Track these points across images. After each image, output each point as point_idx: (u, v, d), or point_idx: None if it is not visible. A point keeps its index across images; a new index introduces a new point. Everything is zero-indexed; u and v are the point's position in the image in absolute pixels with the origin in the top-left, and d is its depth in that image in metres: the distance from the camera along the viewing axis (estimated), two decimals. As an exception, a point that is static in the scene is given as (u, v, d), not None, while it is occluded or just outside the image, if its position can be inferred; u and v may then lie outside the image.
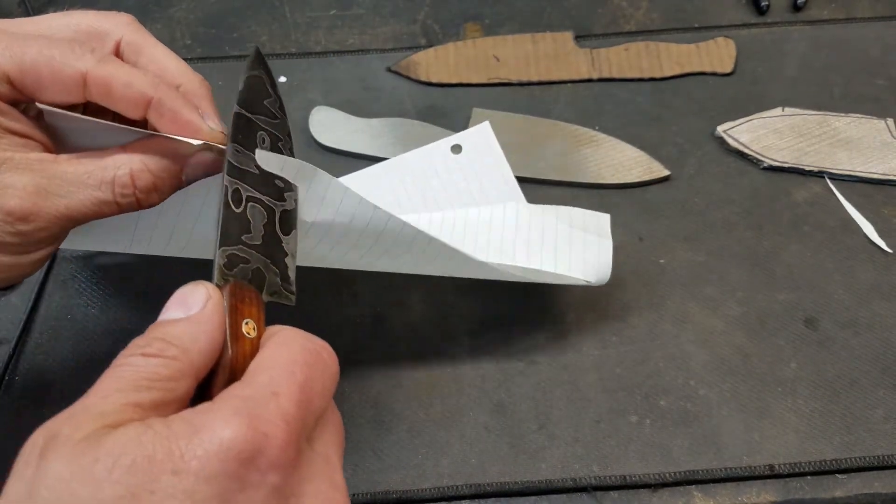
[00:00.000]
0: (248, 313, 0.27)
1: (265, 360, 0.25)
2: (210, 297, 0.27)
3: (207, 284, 0.27)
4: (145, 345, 0.25)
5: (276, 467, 0.23)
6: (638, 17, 0.63)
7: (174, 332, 0.25)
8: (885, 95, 0.57)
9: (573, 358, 0.45)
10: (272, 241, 0.31)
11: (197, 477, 0.21)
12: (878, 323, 0.46)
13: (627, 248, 0.49)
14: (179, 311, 0.26)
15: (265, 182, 0.32)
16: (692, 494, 0.40)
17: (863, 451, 0.41)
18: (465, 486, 0.40)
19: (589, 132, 0.55)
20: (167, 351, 0.25)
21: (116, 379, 0.24)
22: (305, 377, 0.25)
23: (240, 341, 0.26)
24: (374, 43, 0.62)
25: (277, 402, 0.23)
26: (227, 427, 0.22)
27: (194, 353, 0.25)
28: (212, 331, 0.26)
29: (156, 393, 0.24)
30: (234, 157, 0.32)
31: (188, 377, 0.25)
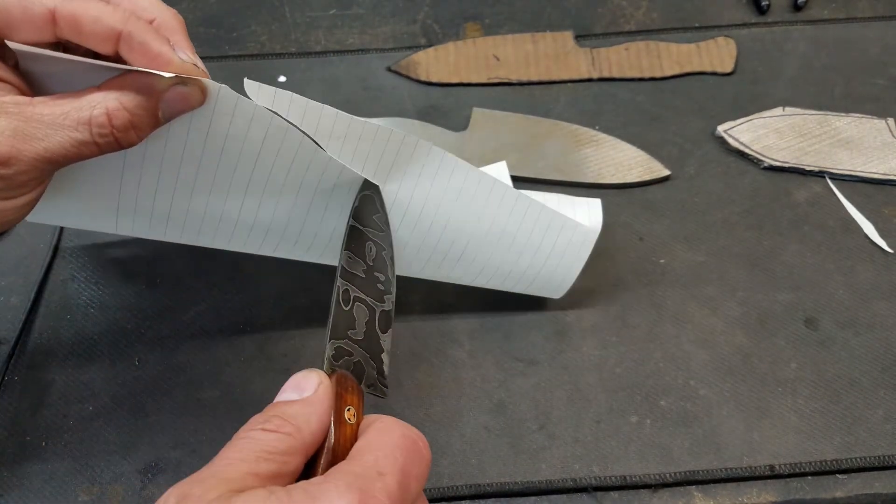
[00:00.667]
0: (350, 401, 0.29)
1: (370, 442, 0.27)
2: (321, 382, 0.29)
3: (319, 372, 0.30)
4: (265, 421, 0.27)
5: None
6: (638, 17, 0.63)
7: (290, 412, 0.28)
8: (885, 95, 0.57)
9: (573, 358, 0.45)
10: (372, 337, 0.34)
11: None
12: (879, 323, 0.46)
13: (627, 248, 0.49)
14: (294, 394, 0.29)
15: (369, 284, 0.35)
16: (692, 495, 0.40)
17: (863, 451, 0.41)
18: (465, 487, 0.40)
19: (589, 132, 0.55)
20: (284, 427, 0.27)
21: (239, 450, 0.26)
22: (406, 462, 0.27)
23: (343, 426, 0.28)
24: (374, 42, 0.62)
25: (383, 481, 0.26)
26: (341, 499, 0.24)
27: (307, 432, 0.27)
28: (322, 413, 0.28)
29: (273, 465, 0.26)
30: (347, 262, 0.35)
31: (300, 454, 0.27)
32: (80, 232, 0.50)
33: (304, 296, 0.48)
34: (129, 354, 0.45)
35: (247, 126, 0.36)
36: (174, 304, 0.47)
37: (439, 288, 0.48)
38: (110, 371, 0.44)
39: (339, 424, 0.28)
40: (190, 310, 0.47)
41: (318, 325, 0.46)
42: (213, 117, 0.35)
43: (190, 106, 0.34)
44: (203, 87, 0.34)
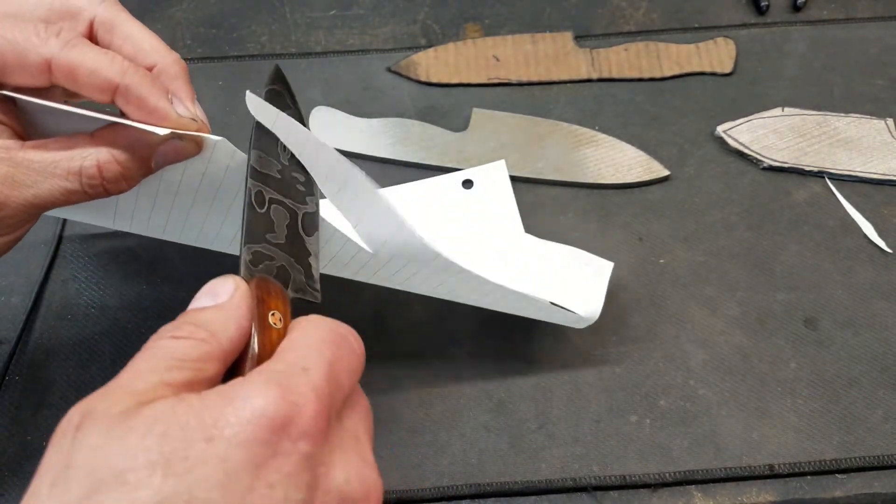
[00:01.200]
0: (274, 305, 0.28)
1: (294, 340, 0.26)
2: (238, 287, 0.28)
3: (235, 277, 0.28)
4: (175, 328, 0.26)
5: (306, 436, 0.23)
6: (637, 18, 0.63)
7: (203, 318, 0.26)
8: (884, 95, 0.57)
9: (573, 358, 0.45)
10: (296, 241, 0.32)
11: (230, 443, 0.22)
12: (878, 323, 0.46)
13: (627, 248, 0.49)
14: (208, 300, 0.27)
15: (287, 186, 0.33)
16: (692, 494, 0.40)
17: (862, 450, 0.41)
18: (465, 486, 0.40)
19: (589, 132, 0.55)
20: (197, 334, 0.25)
21: (148, 359, 0.25)
22: (333, 355, 0.26)
23: (266, 331, 0.27)
24: (374, 43, 0.62)
25: (307, 375, 0.24)
26: (259, 396, 0.23)
27: (223, 338, 0.26)
28: (239, 318, 0.27)
29: (186, 373, 0.24)
30: (257, 161, 0.33)
31: (217, 360, 0.25)
32: (82, 232, 0.50)
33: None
34: (129, 354, 0.45)
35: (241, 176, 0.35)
36: (174, 304, 0.47)
37: (439, 288, 0.48)
38: (111, 371, 0.44)
39: (262, 330, 0.27)
40: (190, 310, 0.47)
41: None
42: (209, 166, 0.35)
43: (183, 157, 0.34)
44: (199, 140, 0.34)
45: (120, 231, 0.50)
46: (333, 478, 0.24)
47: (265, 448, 0.22)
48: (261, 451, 0.22)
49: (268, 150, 0.34)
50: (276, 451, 0.23)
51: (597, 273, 0.45)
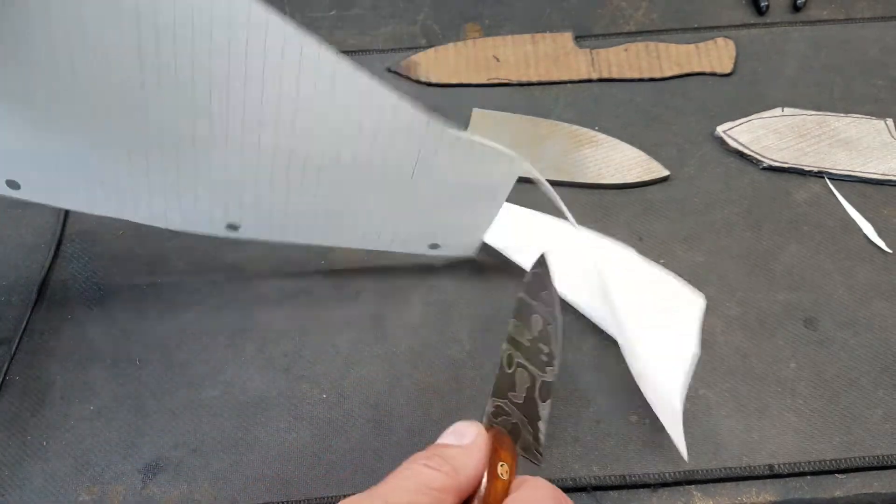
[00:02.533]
0: (504, 457, 0.31)
1: (520, 499, 0.29)
2: (480, 433, 0.31)
3: (478, 423, 0.31)
4: (427, 458, 0.29)
5: None
6: (637, 18, 0.64)
7: (450, 454, 0.29)
8: (884, 96, 0.57)
9: (573, 358, 0.45)
10: (531, 404, 0.35)
11: None
12: (878, 323, 0.46)
13: (627, 249, 0.49)
14: (454, 439, 0.31)
15: (533, 353, 0.36)
16: (692, 494, 0.40)
17: (862, 451, 0.41)
18: (464, 486, 0.40)
19: (589, 132, 0.55)
20: (444, 467, 0.29)
21: (403, 479, 0.28)
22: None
23: (494, 480, 0.30)
24: (374, 43, 0.62)
25: None
26: None
27: (462, 476, 0.29)
28: (478, 461, 0.30)
29: (430, 499, 0.28)
30: (514, 329, 0.37)
31: (454, 495, 0.29)
32: (82, 232, 0.50)
33: (303, 296, 0.48)
34: (129, 354, 0.45)
35: None
36: (174, 304, 0.47)
37: (439, 288, 0.48)
38: (111, 371, 0.45)
39: (491, 477, 0.30)
40: (190, 310, 0.47)
41: (317, 325, 0.46)
42: None
43: None
44: None
45: (120, 231, 0.50)
46: None
47: None
48: None
49: (524, 320, 0.37)
50: None
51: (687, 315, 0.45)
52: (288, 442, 0.42)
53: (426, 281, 0.48)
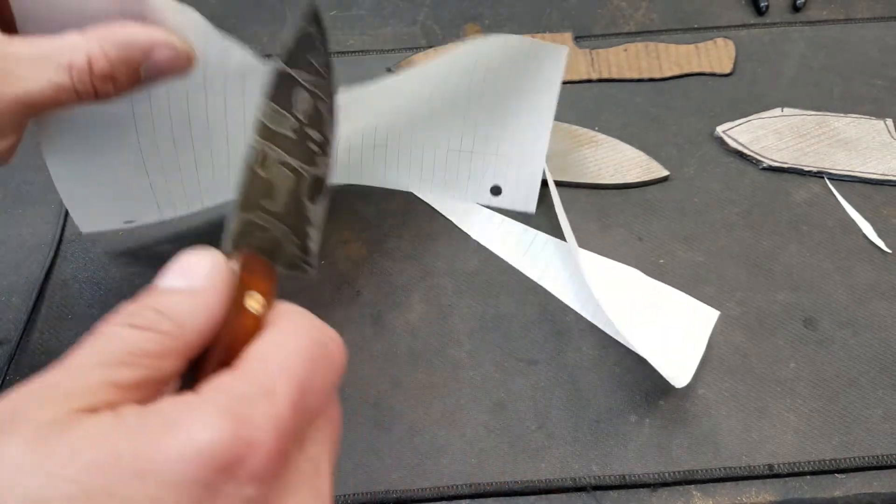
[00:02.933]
0: (257, 287, 0.24)
1: (265, 347, 0.22)
2: (215, 266, 0.24)
3: (215, 253, 0.24)
4: (135, 314, 0.22)
5: (256, 479, 0.20)
6: (637, 18, 0.64)
7: (171, 304, 0.22)
8: (883, 96, 0.57)
9: (573, 358, 0.45)
10: (296, 208, 0.29)
11: (164, 482, 0.19)
12: (877, 323, 0.46)
13: (627, 248, 0.49)
14: (180, 280, 0.23)
15: (298, 145, 0.30)
16: (691, 494, 0.40)
17: (862, 450, 0.41)
18: (464, 486, 0.40)
19: (588, 132, 0.55)
20: (160, 325, 0.22)
21: (98, 351, 0.21)
22: (307, 374, 0.22)
23: (242, 317, 0.23)
24: (374, 44, 0.62)
25: (271, 402, 0.21)
26: (207, 429, 0.20)
27: (190, 330, 0.22)
28: (213, 306, 0.23)
29: (139, 371, 0.21)
30: (270, 117, 0.29)
31: (179, 356, 0.22)
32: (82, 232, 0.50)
33: (303, 295, 0.48)
34: (129, 354, 0.45)
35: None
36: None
37: (439, 287, 0.48)
38: (111, 371, 0.45)
39: (237, 315, 0.23)
40: (190, 310, 0.47)
41: (318, 325, 0.46)
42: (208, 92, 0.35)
43: (174, 71, 0.33)
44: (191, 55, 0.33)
45: (120, 231, 0.50)
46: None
47: (204, 491, 0.19)
48: (199, 494, 0.19)
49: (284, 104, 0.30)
50: (217, 494, 0.19)
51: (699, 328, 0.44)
52: (288, 442, 0.42)
53: (426, 281, 0.48)
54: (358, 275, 0.49)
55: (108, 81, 0.32)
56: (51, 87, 0.31)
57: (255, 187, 0.28)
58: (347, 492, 0.40)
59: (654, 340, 0.43)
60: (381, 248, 0.50)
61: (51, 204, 0.52)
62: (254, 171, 0.28)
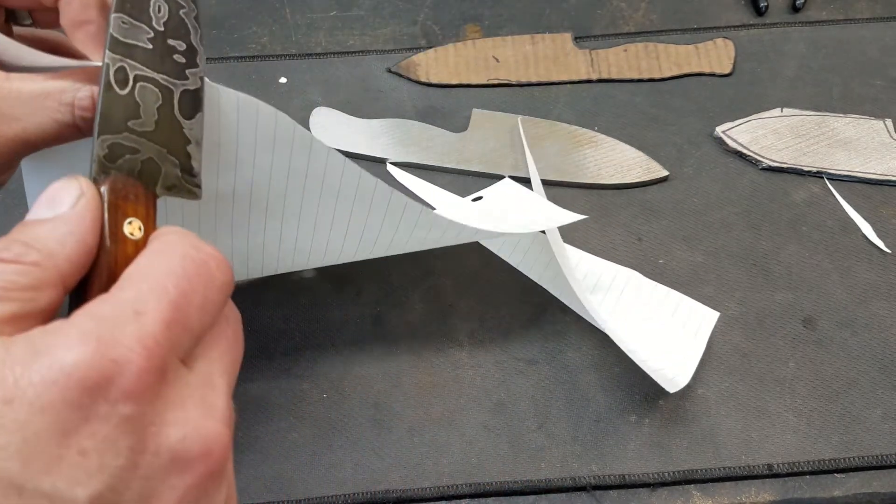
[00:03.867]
0: (133, 211, 0.24)
1: (136, 270, 0.22)
2: (83, 193, 0.23)
3: (81, 179, 0.24)
4: (2, 249, 0.22)
5: (129, 396, 0.20)
6: (637, 18, 0.64)
7: (37, 235, 0.22)
8: (883, 96, 0.57)
9: (573, 358, 0.45)
10: (169, 126, 0.27)
11: (31, 406, 0.19)
12: (877, 323, 0.46)
13: (626, 249, 0.49)
14: (46, 210, 0.23)
15: (161, 58, 0.28)
16: (691, 493, 0.40)
17: (861, 450, 0.41)
18: (464, 486, 0.40)
19: (588, 133, 0.55)
20: (27, 256, 0.21)
21: None
22: (181, 292, 0.22)
23: (120, 243, 0.23)
24: (374, 44, 0.62)
25: (140, 322, 0.21)
26: (69, 352, 0.20)
27: (61, 259, 0.22)
28: (83, 232, 0.23)
29: (11, 305, 0.21)
30: (119, 29, 0.27)
31: (53, 286, 0.22)
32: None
33: (304, 295, 0.48)
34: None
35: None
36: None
37: (439, 287, 0.48)
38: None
39: (115, 242, 0.23)
40: (191, 310, 0.47)
41: (317, 325, 0.46)
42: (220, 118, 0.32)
43: None
44: None
45: None
46: (166, 437, 0.21)
47: (75, 412, 0.19)
48: (70, 416, 0.19)
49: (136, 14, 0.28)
50: (90, 413, 0.20)
51: (698, 329, 0.44)
52: (288, 441, 0.42)
53: (426, 281, 0.48)
54: (358, 275, 0.49)
55: None
56: (52, 124, 0.30)
57: (117, 107, 0.26)
58: (347, 491, 0.40)
59: (653, 342, 0.43)
60: (381, 248, 0.50)
61: (51, 204, 0.52)
62: (112, 90, 0.26)
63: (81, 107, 0.30)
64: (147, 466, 0.20)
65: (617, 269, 0.48)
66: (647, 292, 0.47)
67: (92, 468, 0.19)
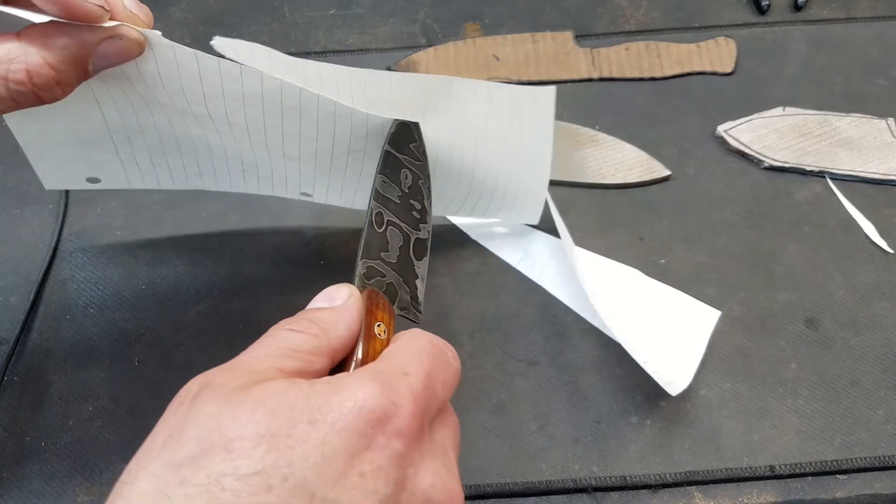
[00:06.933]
0: (381, 317, 0.30)
1: (396, 347, 0.28)
2: (352, 294, 0.30)
3: (350, 285, 0.30)
4: (293, 322, 0.28)
5: (401, 435, 0.24)
6: (638, 17, 0.63)
7: (318, 316, 0.28)
8: (885, 95, 0.57)
9: (573, 358, 0.45)
10: (406, 262, 0.35)
11: (331, 428, 0.23)
12: (879, 323, 0.46)
13: (628, 248, 0.49)
14: (324, 303, 0.29)
15: (404, 211, 0.36)
16: (692, 495, 0.40)
17: (863, 451, 0.41)
18: (465, 487, 0.40)
19: (589, 132, 0.55)
20: (311, 329, 0.27)
21: (266, 346, 0.27)
22: (431, 365, 0.27)
23: (371, 339, 0.29)
24: (373, 42, 0.62)
25: (407, 379, 0.26)
26: (362, 390, 0.24)
27: (333, 336, 0.28)
28: (350, 320, 0.28)
29: (298, 363, 0.26)
30: (381, 186, 0.35)
31: (326, 355, 0.27)
32: (80, 232, 0.50)
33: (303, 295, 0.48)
34: (128, 354, 0.45)
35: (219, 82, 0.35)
36: (174, 304, 0.47)
37: (439, 287, 0.48)
38: (110, 371, 0.44)
39: (368, 338, 0.29)
40: (190, 310, 0.47)
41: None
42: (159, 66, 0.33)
43: (126, 59, 0.32)
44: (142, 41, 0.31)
45: (118, 231, 0.50)
46: (420, 480, 0.25)
47: (362, 439, 0.24)
48: (357, 441, 0.24)
49: (391, 177, 0.36)
50: (371, 443, 0.24)
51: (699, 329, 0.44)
52: (287, 443, 0.42)
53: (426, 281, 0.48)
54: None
55: (53, 87, 0.30)
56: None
57: (374, 240, 0.34)
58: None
59: (654, 342, 0.43)
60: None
61: (49, 204, 0.51)
62: (372, 228, 0.34)
63: (16, 80, 0.29)
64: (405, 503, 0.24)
65: (618, 268, 0.47)
66: (649, 291, 0.46)
67: (367, 490, 0.23)
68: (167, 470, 0.23)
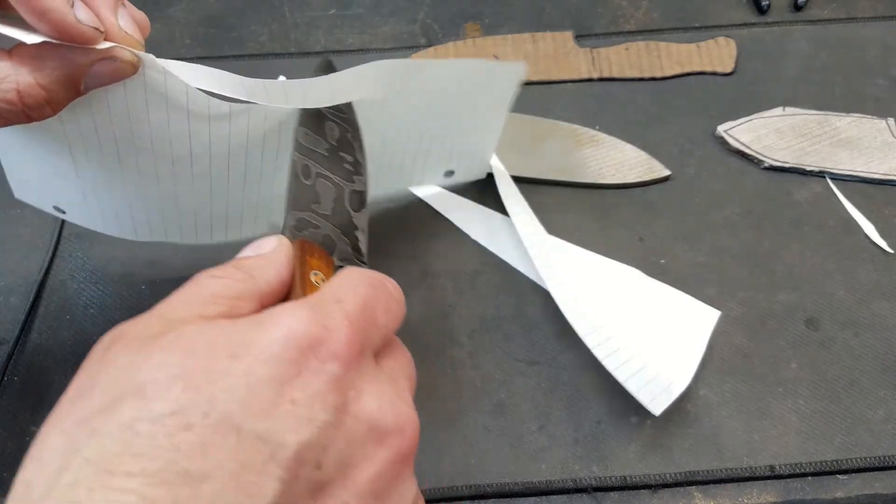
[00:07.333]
0: (318, 266, 0.28)
1: (330, 282, 0.27)
2: (281, 242, 0.28)
3: (279, 235, 0.29)
4: (216, 269, 0.26)
5: (336, 358, 0.23)
6: (638, 17, 0.63)
7: (243, 263, 0.27)
8: (886, 95, 0.57)
9: (573, 358, 0.44)
10: (342, 214, 0.33)
11: (255, 359, 0.22)
12: (879, 323, 0.46)
13: (627, 249, 0.49)
14: (251, 252, 0.28)
15: (334, 163, 0.34)
16: (692, 495, 0.40)
17: (864, 451, 0.41)
18: (465, 487, 0.40)
19: (589, 132, 0.55)
20: (235, 275, 0.26)
21: (185, 294, 0.25)
22: (368, 294, 0.26)
23: (308, 287, 0.27)
24: (373, 42, 0.62)
25: (341, 305, 0.25)
26: (290, 317, 0.23)
27: (261, 281, 0.26)
28: (279, 265, 0.27)
29: (222, 307, 0.25)
30: (304, 139, 0.34)
31: (253, 299, 0.26)
32: (80, 232, 0.50)
33: (303, 296, 0.48)
34: (128, 355, 0.45)
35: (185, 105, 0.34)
36: (174, 305, 0.47)
37: (439, 287, 0.48)
38: (110, 371, 0.44)
39: (304, 286, 0.27)
40: (189, 310, 0.47)
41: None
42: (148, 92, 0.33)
43: (119, 78, 0.32)
44: (135, 63, 0.31)
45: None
46: (365, 403, 0.24)
47: (291, 366, 0.22)
48: (286, 369, 0.22)
49: (315, 129, 0.35)
50: (303, 369, 0.22)
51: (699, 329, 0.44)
52: (287, 443, 0.42)
53: (426, 281, 0.48)
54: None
55: (43, 107, 0.30)
56: None
57: (303, 193, 0.32)
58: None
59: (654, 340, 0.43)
60: (381, 248, 0.49)
61: (49, 203, 0.51)
62: (298, 180, 0.33)
63: (6, 100, 0.29)
64: (348, 429, 0.23)
65: (618, 268, 0.47)
66: (649, 291, 0.46)
67: (302, 417, 0.22)
68: (78, 424, 0.21)
